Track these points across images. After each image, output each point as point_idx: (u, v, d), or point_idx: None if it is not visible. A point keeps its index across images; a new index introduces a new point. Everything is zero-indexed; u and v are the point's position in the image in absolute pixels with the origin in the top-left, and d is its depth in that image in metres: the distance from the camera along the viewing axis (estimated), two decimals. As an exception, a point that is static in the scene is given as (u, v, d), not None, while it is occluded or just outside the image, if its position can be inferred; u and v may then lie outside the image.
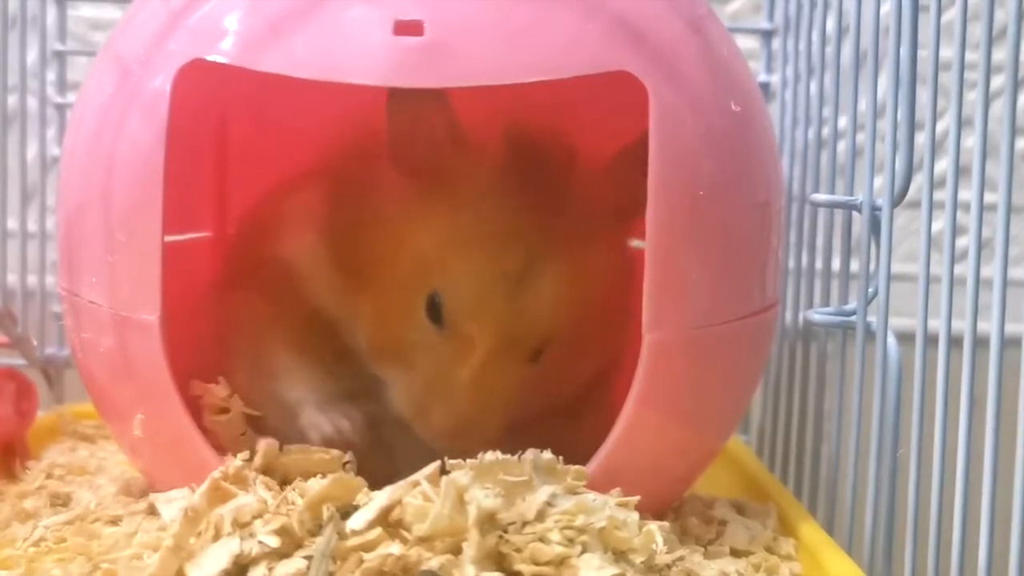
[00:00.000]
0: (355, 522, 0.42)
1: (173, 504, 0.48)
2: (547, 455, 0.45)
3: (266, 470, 0.49)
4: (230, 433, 0.52)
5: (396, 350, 0.53)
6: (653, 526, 0.45)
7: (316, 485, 0.45)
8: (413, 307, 0.52)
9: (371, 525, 0.42)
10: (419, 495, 0.43)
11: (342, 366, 0.54)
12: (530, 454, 0.45)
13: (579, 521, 0.43)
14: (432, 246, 0.51)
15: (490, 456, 0.44)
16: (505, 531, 0.42)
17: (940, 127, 0.69)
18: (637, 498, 0.47)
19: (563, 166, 0.53)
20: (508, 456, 0.44)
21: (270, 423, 0.53)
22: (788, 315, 0.69)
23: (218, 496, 0.45)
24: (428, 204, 0.52)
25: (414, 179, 0.52)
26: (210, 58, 0.48)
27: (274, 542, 0.42)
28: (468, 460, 0.44)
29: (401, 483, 0.44)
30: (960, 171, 0.48)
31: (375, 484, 0.45)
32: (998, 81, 0.47)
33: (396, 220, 0.53)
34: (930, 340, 0.49)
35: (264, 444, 0.49)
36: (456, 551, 0.41)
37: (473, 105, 0.52)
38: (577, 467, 0.47)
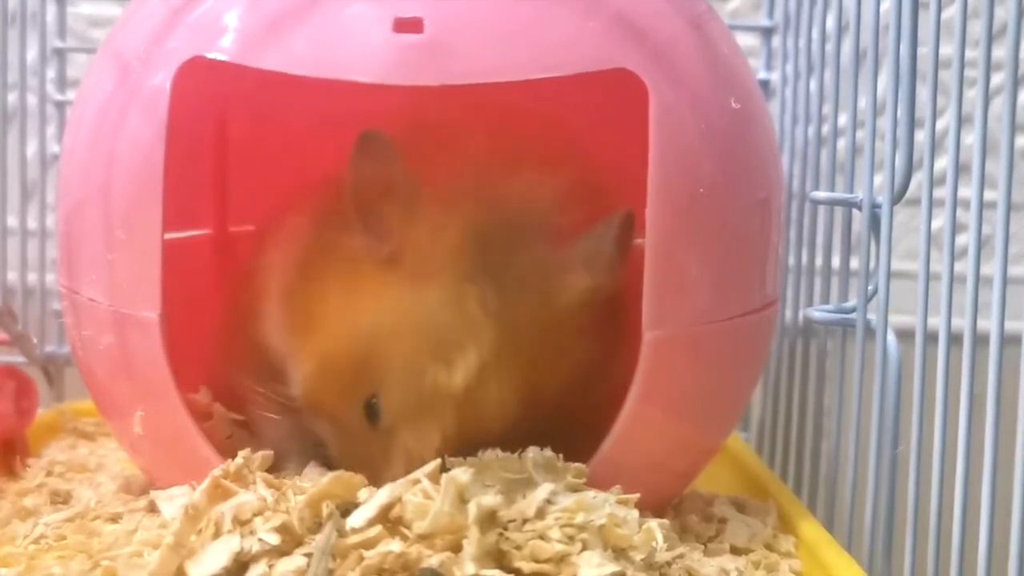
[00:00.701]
0: (355, 520, 0.42)
1: (174, 501, 0.48)
2: (547, 452, 0.45)
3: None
4: (216, 437, 0.52)
5: (330, 416, 0.51)
6: (653, 523, 0.45)
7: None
8: (352, 395, 0.49)
9: (371, 523, 0.42)
10: (419, 492, 0.43)
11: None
12: (530, 451, 0.45)
13: (579, 518, 0.43)
14: (377, 335, 0.49)
15: (490, 453, 0.44)
16: (505, 528, 0.42)
17: (940, 125, 0.68)
18: (637, 496, 0.47)
19: (533, 237, 0.51)
20: (508, 454, 0.44)
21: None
22: (788, 313, 0.69)
23: (219, 494, 0.45)
24: (381, 273, 0.49)
25: (373, 238, 0.50)
26: (210, 55, 0.48)
27: (274, 539, 0.42)
28: (468, 458, 0.44)
29: (401, 481, 0.44)
30: (960, 168, 0.48)
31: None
32: (998, 79, 0.47)
33: (350, 282, 0.50)
34: (930, 338, 0.49)
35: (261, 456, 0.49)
36: (456, 549, 0.41)
37: (472, 103, 0.52)
38: (577, 464, 0.47)
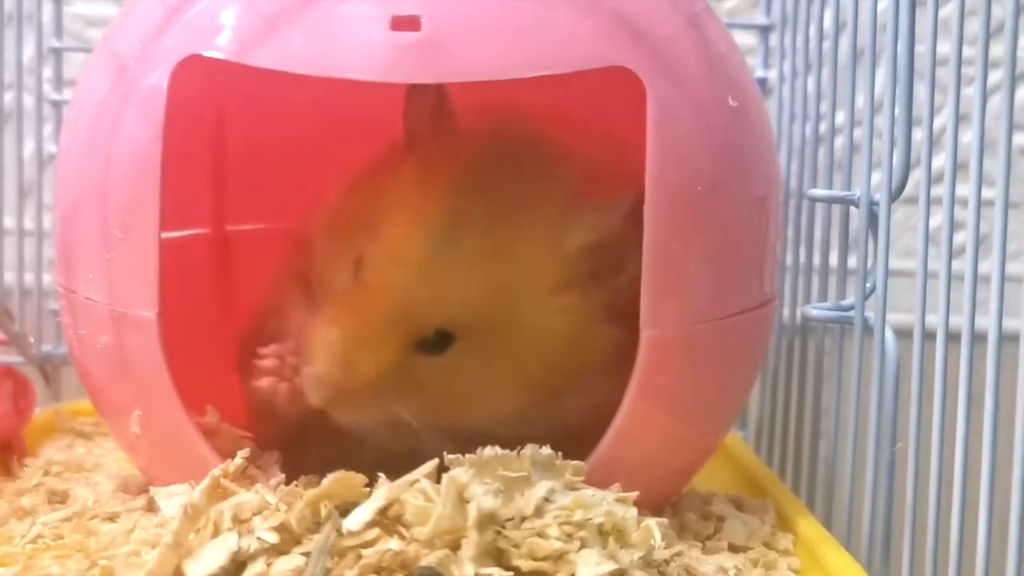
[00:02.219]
0: (351, 522, 0.42)
1: (173, 499, 0.48)
2: (546, 450, 0.45)
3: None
4: (226, 454, 0.51)
5: (324, 301, 0.52)
6: (651, 522, 0.45)
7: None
8: (346, 260, 0.52)
9: (368, 526, 0.42)
10: (419, 494, 0.43)
11: None
12: (528, 449, 0.45)
13: (577, 516, 0.43)
14: (376, 208, 0.51)
15: (489, 451, 0.44)
16: (503, 527, 0.42)
17: (938, 122, 0.68)
18: (635, 494, 0.47)
19: (545, 166, 0.52)
20: (507, 452, 0.44)
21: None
22: (786, 311, 0.69)
23: (218, 493, 0.45)
24: (404, 175, 0.52)
25: (411, 153, 0.53)
26: (207, 54, 0.48)
27: (272, 539, 0.42)
28: (468, 456, 0.44)
29: (399, 481, 0.44)
30: (958, 166, 0.48)
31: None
32: (996, 76, 0.47)
33: (378, 183, 0.53)
34: (928, 336, 0.49)
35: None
36: (453, 546, 0.41)
37: (471, 100, 0.52)
38: (575, 463, 0.47)
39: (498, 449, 0.44)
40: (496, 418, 0.51)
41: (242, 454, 0.48)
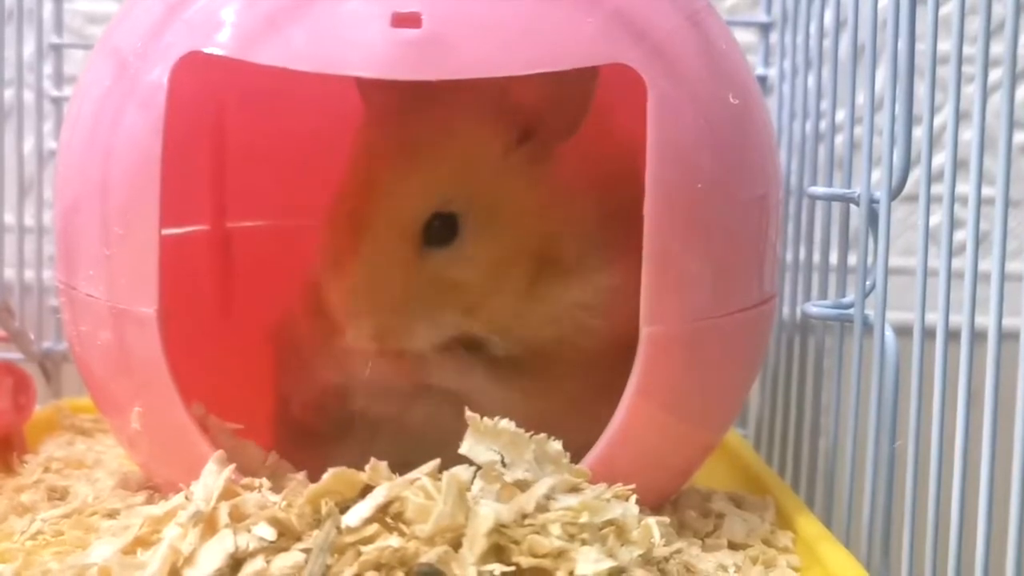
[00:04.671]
0: (351, 519, 0.42)
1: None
2: (554, 445, 0.45)
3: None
4: (219, 447, 0.51)
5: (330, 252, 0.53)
6: (651, 519, 0.45)
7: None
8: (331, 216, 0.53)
9: (367, 522, 0.42)
10: (419, 491, 0.43)
11: None
12: (533, 443, 0.45)
13: (578, 514, 0.43)
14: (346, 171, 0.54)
15: (505, 424, 0.44)
16: (504, 524, 0.42)
17: (938, 121, 0.69)
18: (635, 492, 0.46)
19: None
20: (520, 431, 0.45)
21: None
22: (786, 308, 0.69)
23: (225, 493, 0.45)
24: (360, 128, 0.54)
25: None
26: (207, 50, 0.48)
27: (272, 536, 0.42)
28: (484, 421, 0.44)
29: (399, 480, 0.44)
30: (958, 164, 0.48)
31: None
32: (996, 75, 0.47)
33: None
34: (928, 333, 0.49)
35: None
36: (454, 544, 0.41)
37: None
38: (578, 468, 0.46)
39: (513, 425, 0.44)
40: (516, 312, 0.53)
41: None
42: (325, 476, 0.44)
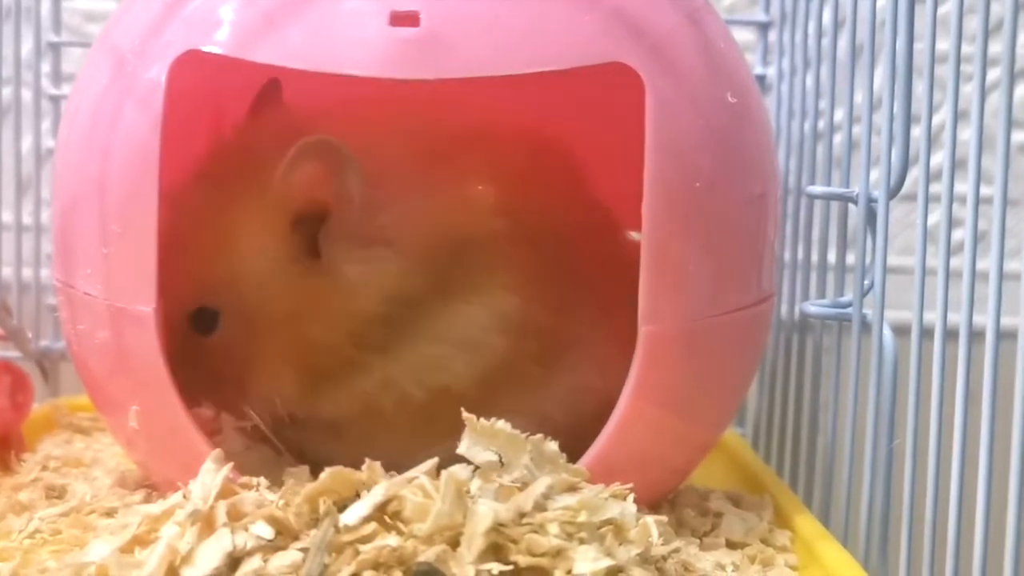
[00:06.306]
0: (348, 517, 0.42)
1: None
2: (551, 445, 0.45)
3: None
4: (229, 450, 0.51)
5: None
6: (649, 518, 0.45)
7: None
8: None
9: (365, 521, 0.42)
10: (417, 490, 0.43)
11: None
12: (529, 443, 0.45)
13: (575, 513, 0.43)
14: None
15: (502, 424, 0.44)
16: (502, 523, 0.42)
17: (936, 120, 0.69)
18: (633, 491, 0.46)
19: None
20: (517, 432, 0.44)
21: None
22: (784, 307, 0.69)
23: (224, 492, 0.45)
24: None
25: None
26: (205, 49, 0.48)
27: (269, 535, 0.42)
28: (482, 422, 0.44)
29: (398, 479, 0.44)
30: (956, 164, 0.48)
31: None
32: (994, 74, 0.47)
33: None
34: (926, 332, 0.49)
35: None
36: (452, 543, 0.41)
37: (469, 98, 0.52)
38: (576, 468, 0.47)
39: (509, 426, 0.44)
40: (284, 395, 0.52)
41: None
42: (323, 475, 0.44)
